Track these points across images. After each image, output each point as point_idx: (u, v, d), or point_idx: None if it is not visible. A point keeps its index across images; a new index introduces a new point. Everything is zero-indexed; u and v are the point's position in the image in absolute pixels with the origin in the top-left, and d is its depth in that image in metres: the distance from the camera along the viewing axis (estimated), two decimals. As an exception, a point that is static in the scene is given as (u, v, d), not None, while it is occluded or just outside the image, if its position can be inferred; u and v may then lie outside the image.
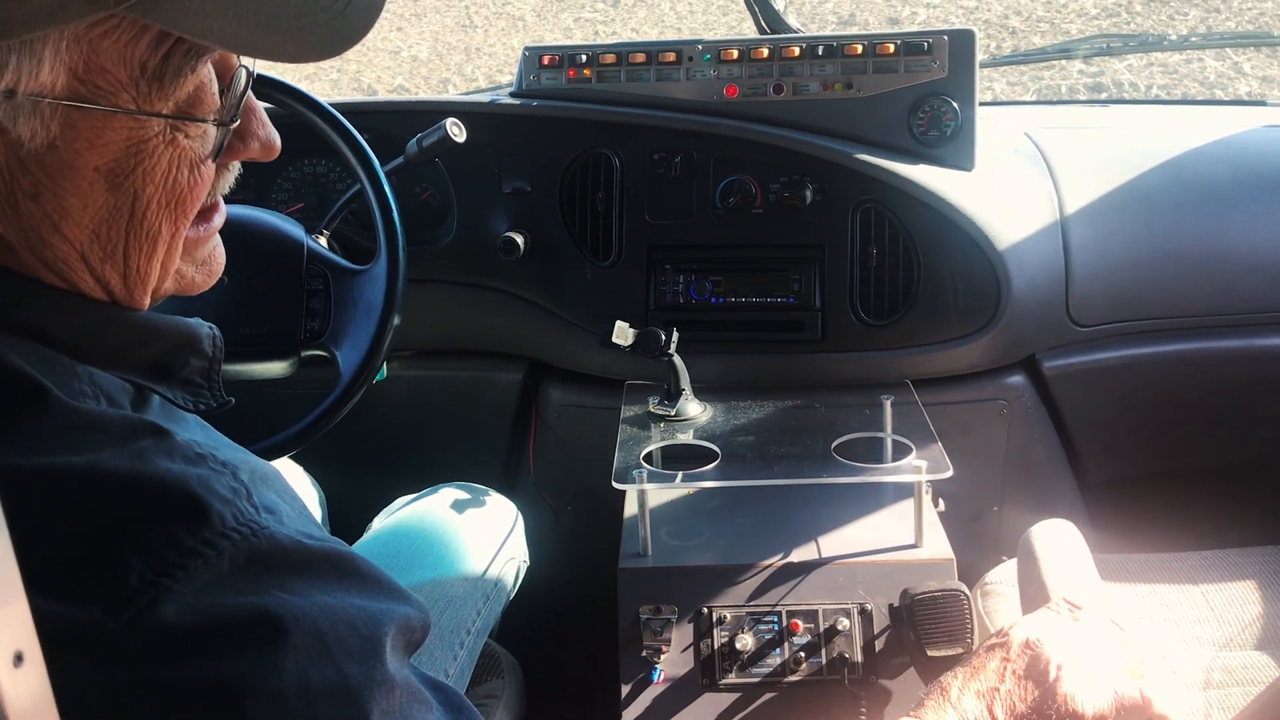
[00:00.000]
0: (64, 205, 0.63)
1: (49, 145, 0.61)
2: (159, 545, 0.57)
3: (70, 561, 0.56)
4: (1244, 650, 1.32)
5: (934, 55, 1.58)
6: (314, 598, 0.60)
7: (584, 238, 1.65)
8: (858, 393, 1.55)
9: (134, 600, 0.55)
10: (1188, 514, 1.68)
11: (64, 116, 0.60)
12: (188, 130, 0.65)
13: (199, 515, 0.58)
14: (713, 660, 1.26)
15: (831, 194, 1.58)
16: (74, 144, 0.61)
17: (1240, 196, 1.65)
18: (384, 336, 1.36)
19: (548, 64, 1.69)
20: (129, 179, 0.64)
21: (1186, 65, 4.78)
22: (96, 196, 0.64)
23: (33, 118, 0.60)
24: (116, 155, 0.63)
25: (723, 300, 1.61)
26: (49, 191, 0.62)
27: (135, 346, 0.69)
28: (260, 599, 0.58)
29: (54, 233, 0.64)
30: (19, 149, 0.61)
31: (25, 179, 0.62)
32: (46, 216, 0.63)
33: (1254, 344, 1.64)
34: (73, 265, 0.65)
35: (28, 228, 0.63)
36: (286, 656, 0.57)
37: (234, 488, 0.61)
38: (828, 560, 1.29)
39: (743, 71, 1.63)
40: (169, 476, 0.59)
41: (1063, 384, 1.64)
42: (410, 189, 1.74)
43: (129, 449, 0.60)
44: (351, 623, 0.61)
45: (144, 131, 0.63)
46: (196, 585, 0.56)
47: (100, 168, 0.63)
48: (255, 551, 0.59)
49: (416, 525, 1.47)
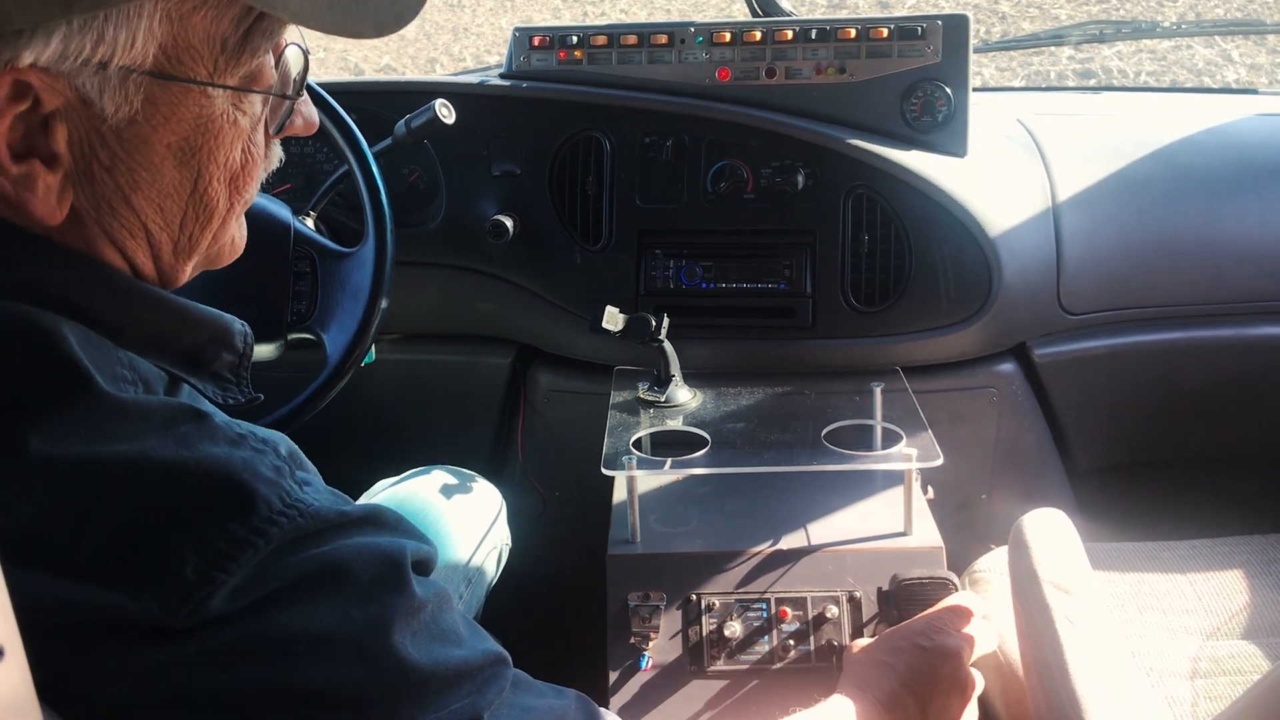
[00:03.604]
0: (136, 178, 0.66)
1: (130, 120, 0.63)
2: (210, 536, 0.58)
3: (123, 552, 0.57)
4: (1231, 640, 1.32)
5: (928, 40, 1.57)
6: (345, 542, 0.63)
7: (574, 221, 1.64)
8: (848, 380, 1.54)
9: (192, 595, 0.57)
10: (1176, 503, 1.68)
11: (147, 92, 0.63)
12: (247, 108, 0.69)
13: (248, 503, 0.60)
14: (701, 647, 1.25)
15: (823, 179, 1.57)
16: (151, 119, 0.64)
17: (1232, 185, 1.65)
18: (371, 319, 1.34)
19: (538, 45, 1.67)
20: (195, 156, 0.67)
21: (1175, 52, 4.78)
22: (166, 171, 0.67)
23: (119, 92, 0.62)
24: (186, 133, 0.66)
25: (713, 286, 1.60)
26: (124, 165, 0.65)
27: (172, 334, 0.71)
28: (301, 560, 0.61)
29: (124, 204, 0.66)
30: (101, 122, 0.63)
31: (104, 152, 0.64)
32: (119, 188, 0.66)
33: (1245, 333, 1.65)
34: (134, 234, 0.68)
35: (100, 197, 0.66)
36: (329, 601, 0.61)
37: (277, 466, 0.63)
38: (817, 547, 1.29)
39: (735, 55, 1.62)
40: (214, 463, 0.61)
41: (1053, 372, 1.64)
42: (398, 171, 1.72)
43: (172, 435, 0.61)
44: (383, 554, 0.64)
45: (211, 110, 0.66)
46: (249, 573, 0.59)
47: (171, 144, 0.66)
48: (301, 532, 0.61)
49: (398, 506, 1.44)
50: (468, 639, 0.69)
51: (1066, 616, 1.15)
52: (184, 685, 0.58)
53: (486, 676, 0.69)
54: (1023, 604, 1.21)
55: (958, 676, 1.05)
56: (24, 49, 0.58)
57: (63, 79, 0.60)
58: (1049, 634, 1.14)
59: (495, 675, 0.69)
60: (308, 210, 1.49)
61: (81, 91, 0.61)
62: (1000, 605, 1.33)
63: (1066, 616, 1.15)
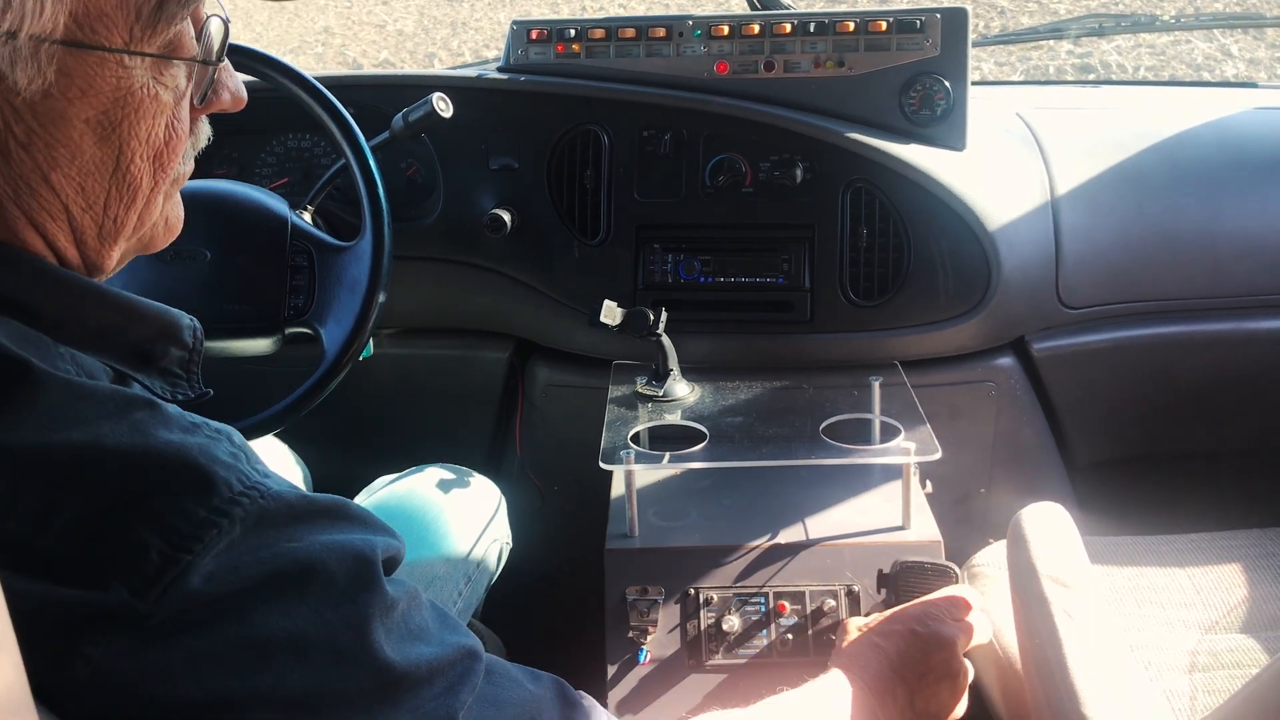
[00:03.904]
0: (54, 155, 0.64)
1: (44, 93, 0.62)
2: (172, 519, 0.57)
3: (83, 543, 0.56)
4: (1229, 633, 1.32)
5: (926, 33, 1.57)
6: (318, 538, 0.62)
7: (572, 216, 1.64)
8: (846, 374, 1.54)
9: (159, 579, 0.56)
10: (1175, 497, 1.68)
11: (60, 62, 0.61)
12: (169, 81, 0.67)
13: (206, 485, 0.59)
14: (699, 641, 1.25)
15: (822, 173, 1.57)
16: (67, 92, 0.62)
17: (1231, 179, 1.65)
18: (369, 314, 1.34)
19: (536, 39, 1.67)
20: (116, 131, 0.65)
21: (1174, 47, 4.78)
22: (85, 147, 0.65)
23: (30, 63, 0.60)
24: (105, 106, 0.64)
25: (712, 280, 1.60)
26: (41, 141, 0.63)
27: (117, 329, 0.69)
28: (273, 554, 0.60)
29: (42, 183, 0.65)
30: (14, 96, 0.61)
31: (19, 127, 0.62)
32: (37, 166, 0.64)
33: (1244, 327, 1.64)
34: (54, 215, 0.66)
35: (18, 176, 0.64)
36: (303, 603, 0.60)
37: (233, 452, 0.62)
38: (815, 541, 1.29)
39: (733, 48, 1.61)
40: (169, 448, 0.60)
41: (1052, 366, 1.63)
42: (396, 165, 1.72)
43: (126, 422, 0.60)
44: (356, 553, 0.63)
45: (130, 81, 0.65)
46: (214, 554, 0.58)
47: (90, 119, 0.64)
48: (265, 512, 0.60)
49: (399, 505, 1.46)
50: (438, 635, 0.68)
51: (1065, 610, 1.15)
52: (162, 696, 0.57)
53: (459, 672, 0.68)
54: (1021, 598, 1.21)
55: (950, 666, 1.05)
56: None
57: None
58: (1047, 628, 1.14)
59: (468, 671, 0.69)
60: (305, 204, 1.49)
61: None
62: (998, 599, 1.33)
63: (1065, 610, 1.15)
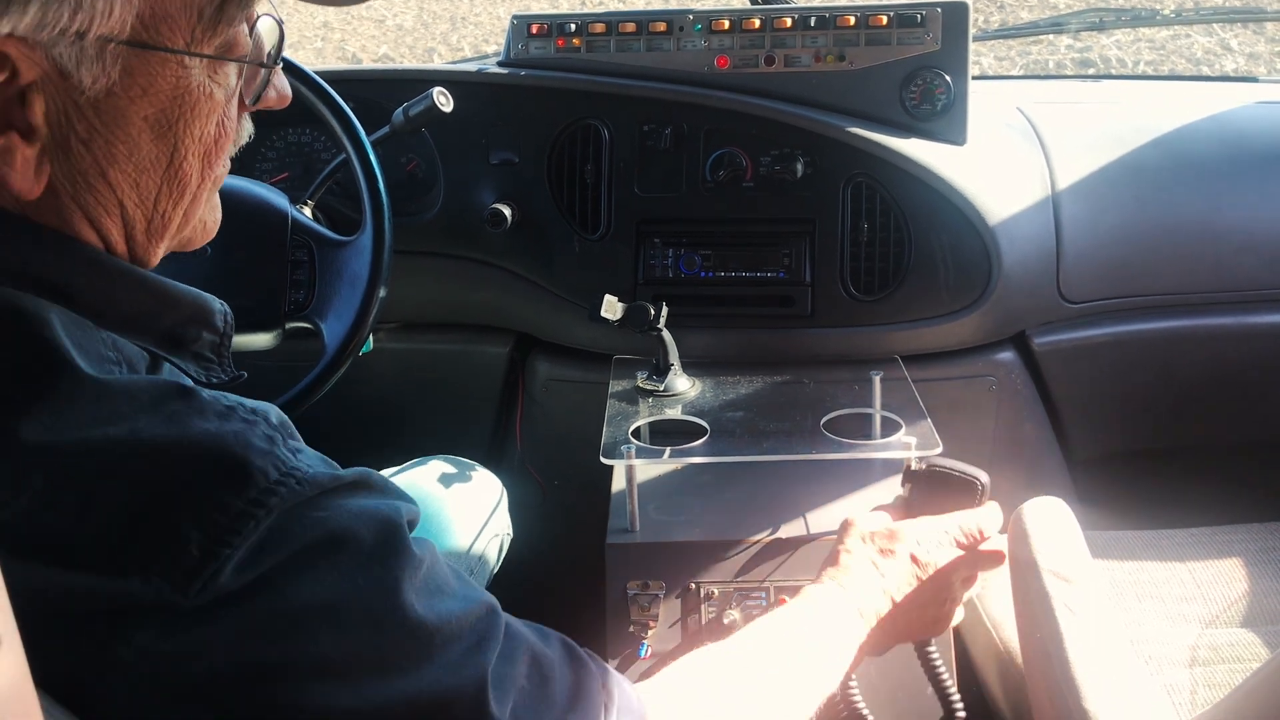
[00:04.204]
0: (113, 152, 0.65)
1: (107, 91, 0.63)
2: (211, 512, 0.58)
3: (122, 536, 0.57)
4: (1230, 628, 1.32)
5: (927, 27, 1.56)
6: (346, 508, 0.63)
7: (572, 210, 1.64)
8: (847, 368, 1.54)
9: (200, 571, 0.57)
10: (1176, 491, 1.68)
11: (124, 62, 0.63)
12: (222, 80, 0.68)
13: (243, 475, 0.59)
14: (700, 636, 1.25)
15: (823, 168, 1.57)
16: (129, 91, 0.64)
17: (1232, 173, 1.64)
18: (369, 309, 1.34)
19: (536, 33, 1.67)
20: (172, 129, 0.67)
21: (1174, 41, 4.77)
22: (143, 145, 0.66)
23: (96, 63, 0.62)
24: (164, 105, 0.66)
25: (712, 275, 1.60)
26: (101, 138, 0.64)
27: (152, 314, 0.70)
28: (304, 529, 0.60)
29: (100, 178, 0.66)
30: (79, 94, 0.62)
31: (81, 124, 0.64)
32: (95, 162, 0.65)
33: (1245, 321, 1.64)
34: (109, 210, 0.68)
35: (76, 171, 0.65)
36: (335, 569, 0.61)
37: (269, 435, 0.63)
38: (816, 536, 1.29)
39: (734, 42, 1.61)
40: (206, 438, 0.60)
41: (1052, 361, 1.63)
42: (396, 159, 1.71)
43: (161, 413, 0.60)
44: (383, 518, 0.65)
45: (188, 81, 0.66)
46: (253, 544, 0.58)
47: (149, 117, 0.65)
48: (300, 499, 0.61)
49: (400, 497, 1.46)
50: (461, 590, 0.70)
51: (1066, 604, 1.15)
52: (202, 672, 0.57)
53: (485, 626, 0.69)
54: (1022, 592, 1.21)
55: (939, 597, 1.04)
56: (1, 18, 0.57)
57: (40, 49, 0.60)
58: (1048, 622, 1.14)
59: (492, 625, 0.70)
60: (305, 199, 1.49)
61: (59, 62, 0.61)
62: (1000, 593, 1.33)
63: (1066, 604, 1.15)
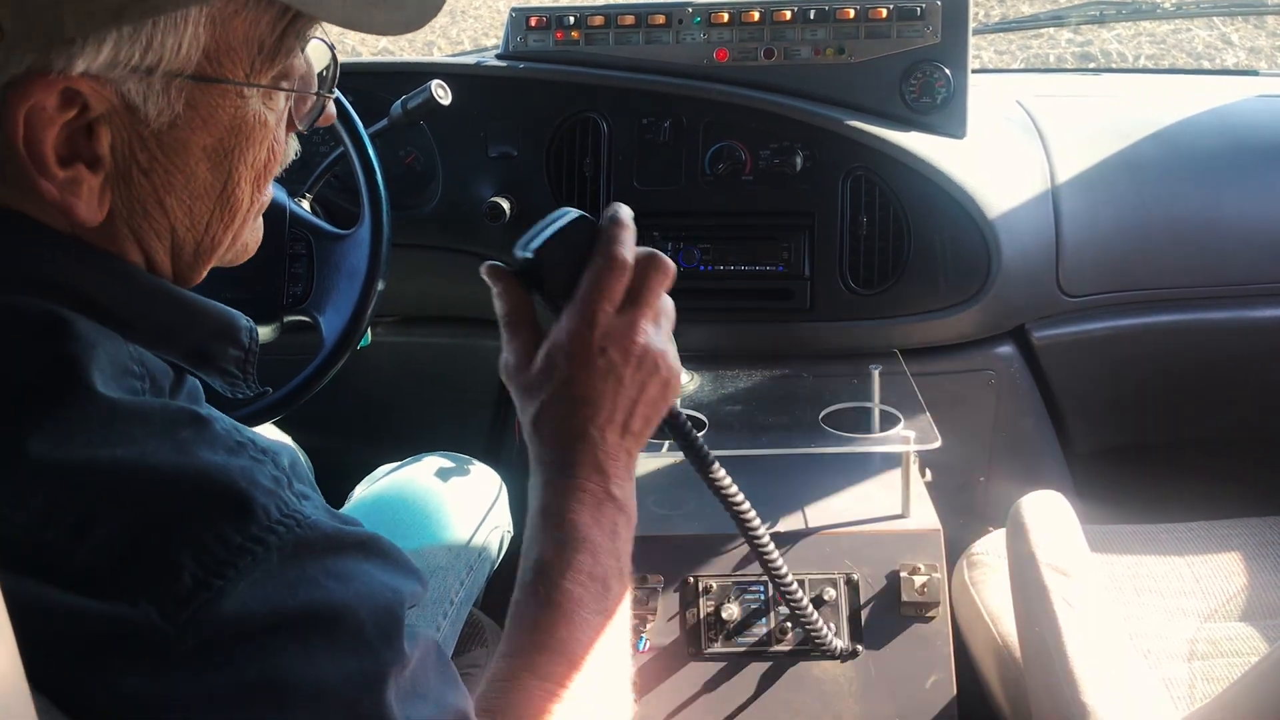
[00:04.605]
0: (171, 180, 0.67)
1: (170, 124, 0.64)
2: (208, 543, 0.57)
3: (118, 558, 0.56)
4: (1228, 622, 1.32)
5: (927, 20, 1.56)
6: (354, 584, 0.62)
7: (571, 203, 1.63)
8: (846, 362, 1.54)
9: (190, 601, 0.56)
10: (1175, 485, 1.68)
11: (189, 96, 0.64)
12: (274, 105, 0.70)
13: (245, 510, 0.59)
14: (698, 629, 1.25)
15: (822, 161, 1.56)
16: (191, 122, 0.65)
17: (1232, 167, 1.64)
18: (368, 302, 1.34)
19: (535, 26, 1.66)
20: (228, 157, 0.68)
21: (1174, 35, 4.76)
22: (199, 173, 0.68)
23: (162, 96, 0.63)
24: (222, 134, 0.67)
25: (711, 268, 1.60)
26: (161, 167, 0.66)
27: (181, 328, 0.71)
28: (307, 591, 0.59)
29: (156, 206, 0.67)
30: (144, 127, 0.64)
31: (143, 155, 0.65)
32: (154, 190, 0.66)
33: (1244, 315, 1.64)
34: (160, 235, 0.69)
35: (134, 199, 0.66)
36: (328, 649, 0.59)
37: (276, 476, 0.62)
38: (814, 530, 1.29)
39: (733, 35, 1.61)
40: (212, 469, 0.60)
41: (1051, 354, 1.63)
42: (394, 152, 1.71)
43: (171, 440, 0.60)
44: (386, 604, 0.63)
45: (245, 110, 0.67)
46: (248, 582, 0.57)
47: (207, 147, 0.67)
48: (301, 542, 0.60)
49: (399, 494, 1.46)
50: (437, 692, 0.67)
51: (1064, 598, 1.15)
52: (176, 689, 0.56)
53: None
54: (1021, 586, 1.21)
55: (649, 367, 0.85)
56: (77, 57, 0.59)
57: (110, 85, 0.61)
58: (1047, 616, 1.14)
59: None
60: (303, 192, 1.48)
61: (127, 97, 0.62)
62: (998, 587, 1.33)
63: (1064, 598, 1.15)
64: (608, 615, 0.81)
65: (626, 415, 0.86)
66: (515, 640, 0.78)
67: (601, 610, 0.81)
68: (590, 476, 0.84)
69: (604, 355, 0.84)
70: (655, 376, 0.86)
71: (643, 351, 0.85)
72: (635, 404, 0.86)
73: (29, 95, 0.59)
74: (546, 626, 0.78)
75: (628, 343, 0.84)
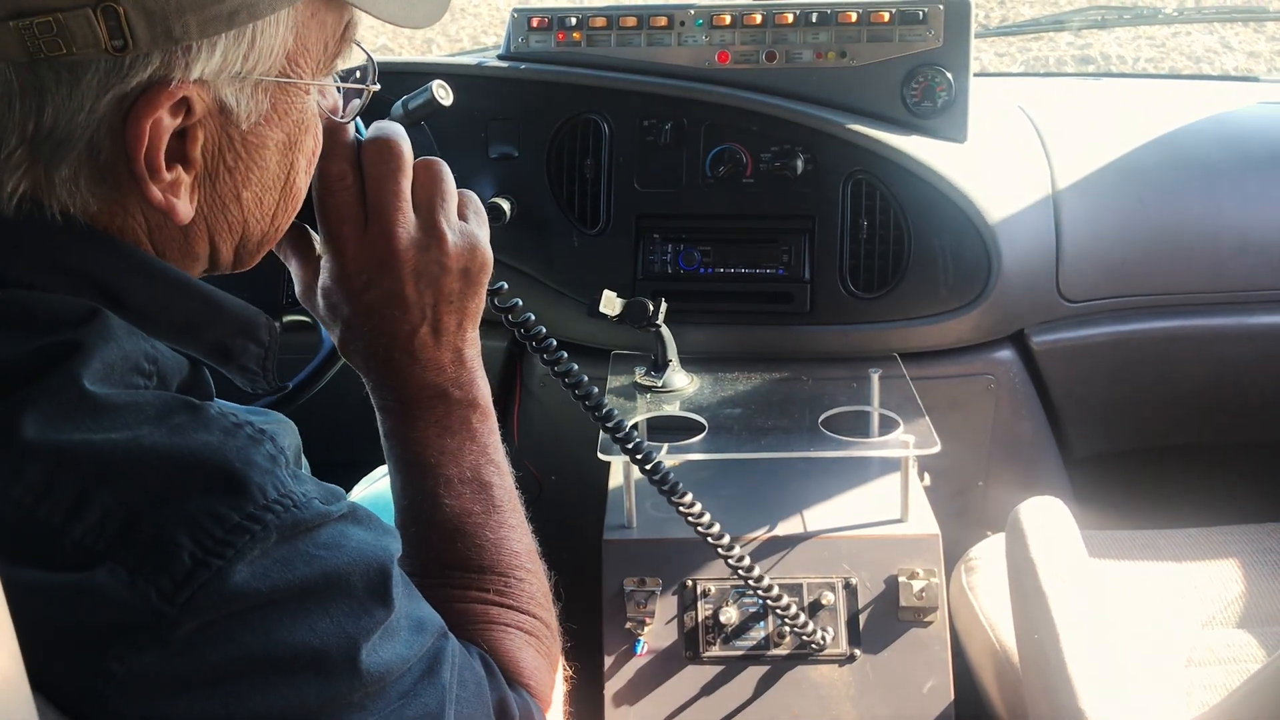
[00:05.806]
0: (249, 176, 0.70)
1: (255, 123, 0.68)
2: (205, 522, 0.58)
3: (114, 538, 0.57)
4: (1226, 628, 1.32)
5: (929, 24, 1.56)
6: (345, 550, 0.63)
7: (571, 205, 1.63)
8: (846, 366, 1.54)
9: (189, 582, 0.56)
10: (1173, 491, 1.68)
11: (272, 96, 0.68)
12: (325, 100, 0.74)
13: (240, 489, 0.60)
14: (696, 633, 1.25)
15: (823, 164, 1.56)
16: (270, 120, 0.69)
17: (1233, 173, 1.64)
18: (367, 302, 1.33)
19: (536, 26, 1.66)
20: (292, 149, 0.72)
21: (1174, 39, 4.76)
22: (270, 166, 0.71)
23: (253, 98, 0.67)
24: (290, 129, 0.71)
25: (711, 271, 1.60)
26: (243, 164, 0.69)
27: (202, 324, 0.72)
28: (303, 564, 0.60)
29: (235, 200, 0.71)
30: (233, 128, 0.67)
31: (230, 154, 0.68)
32: (234, 186, 0.70)
33: (1244, 322, 1.64)
34: (234, 228, 0.72)
35: (216, 195, 0.70)
36: (327, 615, 0.61)
37: (272, 454, 0.63)
38: (813, 534, 1.29)
39: (735, 38, 1.60)
40: (207, 450, 0.61)
41: (1051, 359, 1.63)
42: (395, 152, 1.70)
43: (166, 425, 0.61)
44: (377, 563, 0.65)
45: (307, 105, 0.72)
46: (246, 562, 0.58)
47: (279, 142, 0.71)
48: (298, 522, 0.61)
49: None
50: (415, 618, 0.69)
51: (1063, 604, 1.15)
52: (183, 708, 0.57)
53: (435, 651, 0.69)
54: (1019, 591, 1.21)
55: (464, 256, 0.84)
56: (195, 63, 0.62)
57: (210, 89, 0.65)
58: (1045, 622, 1.14)
59: (440, 650, 0.70)
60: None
61: (223, 100, 0.66)
62: (997, 593, 1.33)
63: (1063, 604, 1.15)
64: (496, 508, 0.86)
65: (434, 319, 0.84)
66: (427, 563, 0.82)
67: (488, 506, 0.85)
68: (421, 391, 0.85)
69: (366, 280, 0.82)
70: (445, 273, 0.82)
71: (414, 259, 0.81)
72: (434, 307, 0.83)
73: (157, 105, 0.62)
74: (445, 544, 0.83)
75: (390, 258, 0.81)
